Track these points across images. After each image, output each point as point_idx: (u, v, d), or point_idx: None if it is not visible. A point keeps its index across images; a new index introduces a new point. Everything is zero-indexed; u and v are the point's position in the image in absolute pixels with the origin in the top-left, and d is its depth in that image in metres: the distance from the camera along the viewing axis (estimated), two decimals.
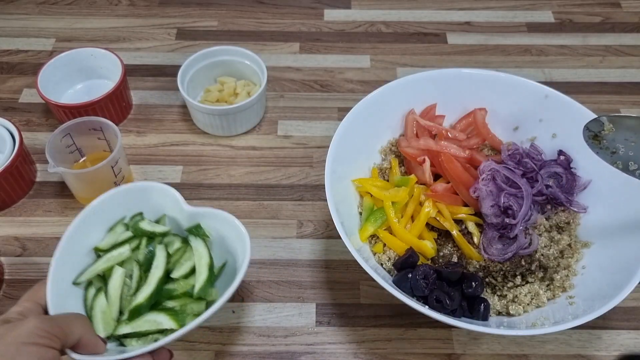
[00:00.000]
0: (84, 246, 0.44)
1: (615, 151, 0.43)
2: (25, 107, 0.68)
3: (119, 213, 0.46)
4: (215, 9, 0.80)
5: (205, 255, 0.44)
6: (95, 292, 0.43)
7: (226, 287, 0.40)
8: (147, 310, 0.42)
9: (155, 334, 0.42)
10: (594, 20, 0.80)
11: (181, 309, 0.43)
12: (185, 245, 0.46)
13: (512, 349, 0.50)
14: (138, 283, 0.44)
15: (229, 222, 0.44)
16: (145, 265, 0.44)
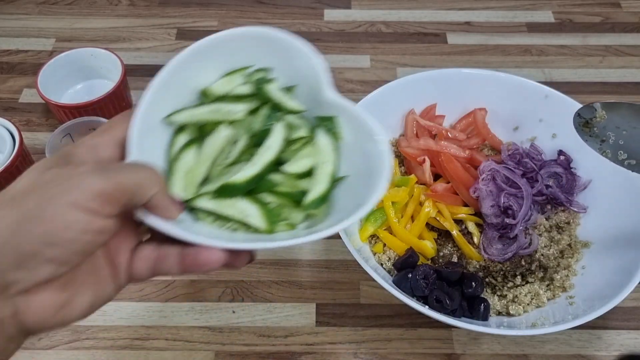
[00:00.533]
0: (190, 86, 0.33)
1: (605, 139, 0.42)
2: (25, 107, 0.68)
3: (243, 59, 0.34)
4: (215, 9, 0.80)
5: (330, 161, 0.33)
6: (187, 143, 0.32)
7: (334, 211, 0.32)
8: (241, 194, 0.32)
9: (236, 224, 0.32)
10: (594, 20, 0.80)
11: (276, 210, 0.33)
12: (310, 138, 0.34)
13: (512, 349, 0.50)
14: (240, 156, 0.33)
15: (369, 134, 0.32)
16: (256, 139, 0.33)
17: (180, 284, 0.53)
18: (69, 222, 0.21)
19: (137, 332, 0.50)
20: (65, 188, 0.22)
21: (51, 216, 0.21)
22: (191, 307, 0.52)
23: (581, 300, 0.46)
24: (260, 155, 0.32)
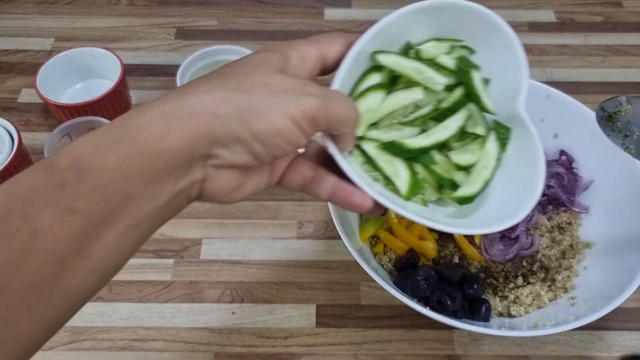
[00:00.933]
0: (399, 40, 0.35)
1: (629, 134, 0.40)
2: (24, 107, 0.68)
3: (456, 31, 0.35)
4: (214, 8, 0.80)
5: (490, 167, 0.34)
6: (378, 84, 0.33)
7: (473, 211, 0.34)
8: (403, 156, 0.33)
9: (379, 176, 0.33)
10: (596, 20, 0.80)
11: (420, 182, 0.34)
12: (483, 139, 0.35)
13: (514, 350, 0.49)
14: (415, 120, 0.34)
15: (533, 166, 0.33)
16: (438, 113, 0.34)
17: (180, 285, 0.53)
18: (283, 131, 0.24)
19: (136, 333, 0.50)
20: (290, 100, 0.24)
21: (271, 119, 0.24)
22: (190, 308, 0.51)
23: (583, 301, 0.46)
24: (435, 131, 0.34)
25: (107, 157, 0.22)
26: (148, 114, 0.23)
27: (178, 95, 0.24)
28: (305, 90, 0.25)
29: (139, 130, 0.22)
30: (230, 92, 0.24)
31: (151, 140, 0.22)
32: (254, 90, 0.24)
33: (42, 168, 0.22)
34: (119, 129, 0.23)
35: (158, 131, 0.22)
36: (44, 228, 0.21)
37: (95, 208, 0.21)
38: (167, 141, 0.22)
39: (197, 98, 0.23)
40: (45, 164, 0.22)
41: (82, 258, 0.22)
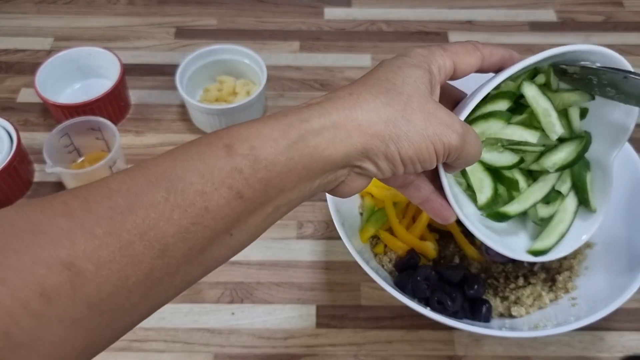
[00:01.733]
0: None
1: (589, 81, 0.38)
2: (23, 106, 0.67)
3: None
4: (214, 7, 0.80)
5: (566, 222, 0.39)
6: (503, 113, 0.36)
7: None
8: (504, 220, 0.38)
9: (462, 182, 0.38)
10: (597, 19, 0.79)
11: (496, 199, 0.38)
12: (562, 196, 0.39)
13: (514, 351, 0.49)
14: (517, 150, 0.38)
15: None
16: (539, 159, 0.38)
17: None
18: (425, 158, 0.27)
19: (136, 334, 0.50)
20: (439, 134, 0.27)
21: (420, 148, 0.27)
22: (190, 309, 0.51)
23: (584, 302, 0.46)
24: (532, 192, 0.38)
25: (281, 154, 0.24)
26: (322, 120, 0.25)
27: (350, 107, 0.26)
28: (452, 126, 0.28)
29: (313, 136, 0.25)
30: (394, 115, 0.26)
31: (320, 146, 0.25)
32: (414, 118, 0.27)
33: (221, 147, 0.24)
34: (296, 129, 0.25)
35: (327, 139, 0.25)
36: (213, 207, 0.23)
37: (257, 197, 0.24)
38: (332, 149, 0.25)
39: (365, 115, 0.26)
40: (223, 143, 0.24)
41: (228, 235, 0.24)
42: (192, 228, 0.22)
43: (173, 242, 0.22)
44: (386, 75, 0.28)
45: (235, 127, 0.25)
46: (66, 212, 0.21)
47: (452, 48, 0.31)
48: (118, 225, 0.21)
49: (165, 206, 0.22)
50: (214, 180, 0.23)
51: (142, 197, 0.22)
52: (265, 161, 0.24)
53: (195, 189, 0.22)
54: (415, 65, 0.29)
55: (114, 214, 0.21)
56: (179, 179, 0.22)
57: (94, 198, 0.22)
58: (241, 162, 0.23)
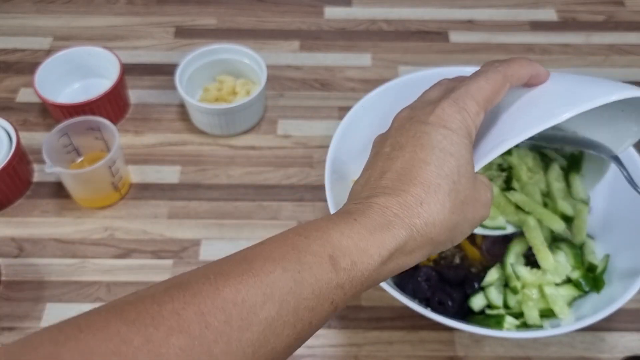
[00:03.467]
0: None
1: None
2: (22, 106, 0.67)
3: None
4: (214, 7, 0.80)
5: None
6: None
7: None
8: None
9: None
10: (597, 18, 0.79)
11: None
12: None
13: (515, 352, 0.49)
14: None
15: None
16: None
17: None
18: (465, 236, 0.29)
19: None
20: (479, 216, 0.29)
21: (465, 235, 0.28)
22: None
23: (585, 302, 0.46)
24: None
25: (375, 271, 0.25)
26: (405, 235, 0.25)
27: (427, 222, 0.26)
28: (487, 202, 0.29)
29: (398, 252, 0.26)
30: (456, 220, 0.27)
31: (400, 260, 0.26)
32: (468, 213, 0.27)
33: (328, 260, 0.24)
34: (385, 245, 0.25)
35: (406, 252, 0.26)
36: (316, 322, 0.23)
37: (343, 303, 0.25)
38: (407, 261, 0.26)
39: (437, 229, 0.26)
40: (328, 255, 0.24)
41: (310, 326, 0.24)
42: (295, 344, 0.23)
43: (278, 358, 0.22)
44: (444, 171, 0.26)
45: (334, 234, 0.24)
46: (182, 327, 0.19)
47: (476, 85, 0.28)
48: (234, 345, 0.20)
49: (277, 322, 0.22)
50: (322, 295, 0.23)
51: (257, 312, 0.21)
52: (362, 277, 0.24)
53: (306, 305, 0.23)
54: (461, 144, 0.27)
55: (230, 331, 0.20)
56: (292, 293, 0.22)
57: (209, 310, 0.20)
58: (343, 277, 0.24)
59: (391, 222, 0.25)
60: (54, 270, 0.54)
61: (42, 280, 0.53)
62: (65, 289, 0.52)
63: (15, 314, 0.51)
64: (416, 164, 0.26)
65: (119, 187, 0.57)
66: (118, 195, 0.58)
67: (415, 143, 0.27)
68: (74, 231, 0.56)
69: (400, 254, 0.25)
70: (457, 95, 0.28)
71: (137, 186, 0.60)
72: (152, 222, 0.57)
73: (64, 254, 0.55)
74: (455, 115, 0.27)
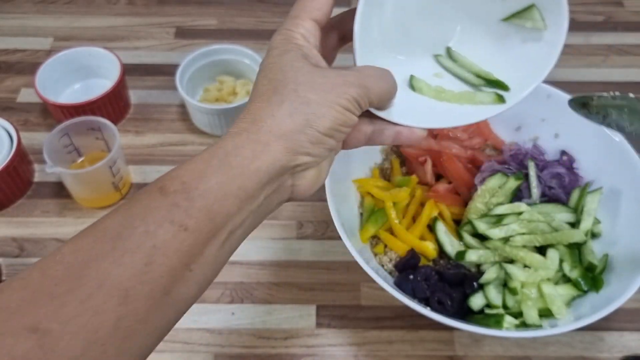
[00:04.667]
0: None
1: (607, 115, 0.40)
2: (23, 106, 0.67)
3: None
4: (214, 7, 0.80)
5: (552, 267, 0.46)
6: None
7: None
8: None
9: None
10: (597, 19, 0.79)
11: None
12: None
13: (514, 351, 0.49)
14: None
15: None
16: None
17: None
18: (341, 120, 0.28)
19: None
20: (338, 95, 0.28)
21: (331, 115, 0.27)
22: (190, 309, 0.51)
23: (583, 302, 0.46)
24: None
25: (210, 180, 0.25)
26: (236, 141, 0.26)
27: (252, 121, 0.27)
28: (346, 81, 0.28)
29: (233, 157, 0.26)
30: (292, 106, 0.27)
31: (243, 163, 0.26)
32: (309, 96, 0.27)
33: (156, 190, 0.25)
34: (216, 156, 0.26)
35: (248, 155, 0.26)
36: (160, 243, 0.23)
37: (202, 226, 0.24)
38: (258, 162, 0.26)
39: (269, 121, 0.27)
40: (157, 187, 0.25)
41: (188, 271, 0.24)
42: (146, 269, 0.23)
43: (132, 286, 0.22)
44: (267, 77, 0.29)
45: (167, 172, 0.26)
46: (24, 285, 0.22)
47: (299, 1, 0.31)
48: (74, 283, 0.22)
49: (114, 253, 0.23)
50: (155, 219, 0.24)
51: (92, 251, 0.23)
52: (197, 190, 0.24)
53: (139, 231, 0.23)
54: (283, 51, 0.29)
55: (68, 273, 0.22)
56: (123, 226, 0.23)
57: (49, 265, 0.22)
58: (176, 197, 0.24)
59: (222, 139, 0.27)
60: None
61: None
62: None
63: None
64: (251, 90, 0.29)
65: (119, 187, 0.58)
66: (119, 195, 0.58)
67: (255, 78, 0.30)
68: (74, 231, 0.56)
69: (237, 157, 0.26)
70: (284, 23, 0.31)
71: (137, 186, 0.60)
72: None
73: None
74: (276, 37, 0.30)
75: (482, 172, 0.53)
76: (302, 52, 0.29)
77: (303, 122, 0.27)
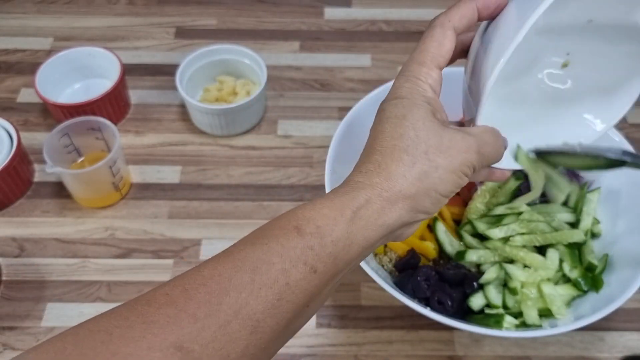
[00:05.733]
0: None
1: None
2: (23, 106, 0.67)
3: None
4: (214, 7, 0.80)
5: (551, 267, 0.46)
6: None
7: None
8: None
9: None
10: None
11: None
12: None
13: (514, 351, 0.49)
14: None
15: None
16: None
17: None
18: (457, 183, 0.29)
19: None
20: (460, 161, 0.29)
21: (450, 180, 0.29)
22: None
23: (583, 302, 0.46)
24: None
25: (342, 229, 0.27)
26: (366, 194, 0.28)
27: (387, 177, 0.28)
28: (469, 148, 0.29)
29: (364, 210, 0.27)
30: (422, 169, 0.28)
31: (371, 217, 0.27)
32: (438, 161, 0.28)
33: (292, 229, 0.26)
34: (349, 207, 0.27)
35: (376, 210, 0.27)
36: (293, 282, 0.25)
37: (328, 270, 0.26)
38: (384, 218, 0.27)
39: (401, 182, 0.28)
40: (293, 225, 0.27)
41: (306, 307, 0.26)
42: (277, 304, 0.25)
43: (262, 318, 0.24)
44: (397, 130, 0.29)
45: (299, 210, 0.28)
46: (170, 302, 0.23)
47: (419, 49, 0.31)
48: (215, 308, 0.23)
49: (253, 285, 0.24)
50: (291, 258, 0.25)
51: (232, 280, 0.24)
52: (329, 237, 0.26)
53: (277, 267, 0.25)
54: (413, 104, 0.30)
55: (210, 298, 0.24)
56: (261, 260, 0.25)
57: (191, 286, 0.24)
58: (310, 240, 0.26)
59: (352, 188, 0.28)
60: (54, 270, 0.54)
61: (42, 280, 0.53)
62: (66, 289, 0.53)
63: (16, 313, 0.51)
64: (376, 136, 0.30)
65: (119, 187, 0.58)
66: (119, 195, 0.58)
67: (377, 121, 0.30)
68: (74, 231, 0.57)
69: (367, 210, 0.27)
70: (404, 67, 0.31)
71: (137, 186, 0.60)
72: (152, 222, 0.57)
73: (64, 253, 0.55)
74: (403, 84, 0.30)
75: None
76: (432, 107, 0.30)
77: (430, 186, 0.28)
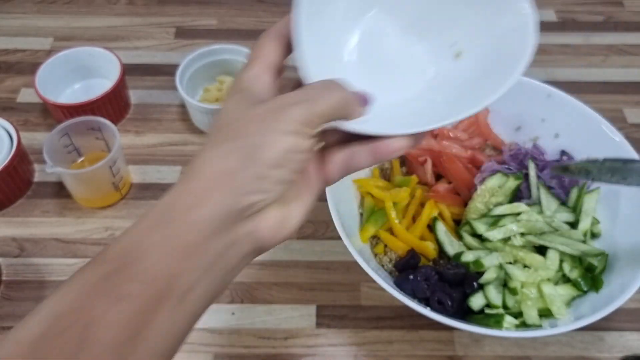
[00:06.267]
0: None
1: (589, 172, 0.44)
2: (23, 106, 0.67)
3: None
4: (214, 7, 0.80)
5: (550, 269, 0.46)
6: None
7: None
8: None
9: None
10: (597, 19, 0.79)
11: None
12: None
13: (514, 351, 0.49)
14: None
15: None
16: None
17: None
18: (288, 147, 0.24)
19: None
20: (278, 120, 0.25)
21: (271, 143, 0.24)
22: None
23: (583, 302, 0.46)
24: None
25: (146, 241, 0.22)
26: (173, 192, 0.24)
27: (192, 168, 0.24)
28: (284, 103, 0.26)
29: (171, 210, 0.23)
30: (230, 144, 0.25)
31: (182, 214, 0.23)
32: (247, 129, 0.25)
33: (97, 261, 0.23)
34: (156, 212, 0.23)
35: (187, 204, 0.23)
36: (96, 318, 0.21)
37: (143, 292, 0.22)
38: (197, 211, 0.23)
39: (207, 164, 0.24)
40: (100, 257, 0.23)
41: (140, 341, 0.22)
42: (81, 346, 0.21)
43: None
44: (214, 125, 0.27)
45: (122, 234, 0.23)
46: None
47: (251, 57, 0.30)
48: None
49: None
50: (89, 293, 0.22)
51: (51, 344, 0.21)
52: (134, 254, 0.23)
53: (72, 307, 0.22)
54: (229, 97, 0.28)
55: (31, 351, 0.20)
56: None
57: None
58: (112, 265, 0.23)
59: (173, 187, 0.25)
60: (54, 270, 0.54)
61: (42, 280, 0.53)
62: None
63: (16, 313, 0.51)
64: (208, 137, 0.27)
65: (119, 187, 0.58)
66: (119, 195, 0.58)
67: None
68: (74, 231, 0.57)
69: (180, 199, 0.24)
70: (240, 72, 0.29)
71: (137, 186, 0.60)
72: None
73: (64, 253, 0.55)
74: (233, 86, 0.29)
75: (482, 172, 0.53)
76: (248, 92, 0.27)
77: (243, 157, 0.24)
